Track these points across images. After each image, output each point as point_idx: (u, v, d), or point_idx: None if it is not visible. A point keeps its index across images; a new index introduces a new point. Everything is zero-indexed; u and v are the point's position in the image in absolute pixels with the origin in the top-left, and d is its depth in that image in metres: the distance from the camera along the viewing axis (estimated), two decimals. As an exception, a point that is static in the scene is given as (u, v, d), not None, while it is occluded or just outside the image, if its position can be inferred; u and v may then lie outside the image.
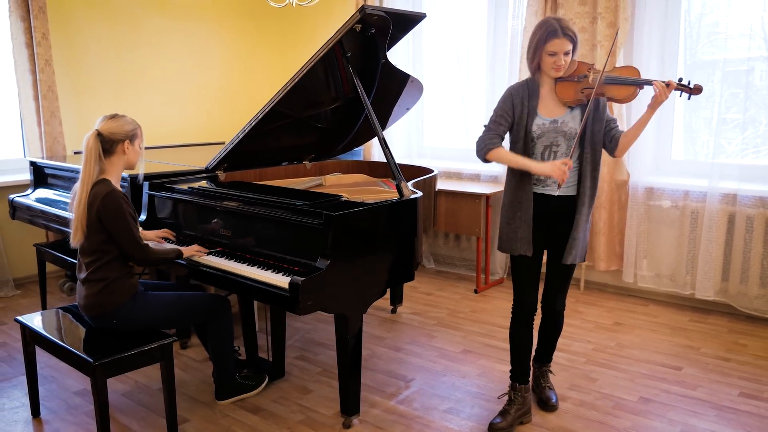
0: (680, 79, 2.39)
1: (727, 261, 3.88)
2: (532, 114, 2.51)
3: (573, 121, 2.49)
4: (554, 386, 2.95)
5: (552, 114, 2.50)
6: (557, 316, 2.79)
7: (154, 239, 2.93)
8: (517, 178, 2.56)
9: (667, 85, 2.35)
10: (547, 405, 2.82)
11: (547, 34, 2.40)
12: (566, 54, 2.42)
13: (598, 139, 2.52)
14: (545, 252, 2.69)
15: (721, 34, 3.81)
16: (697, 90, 2.36)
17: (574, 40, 2.42)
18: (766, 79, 3.77)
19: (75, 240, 2.50)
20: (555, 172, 2.40)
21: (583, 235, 2.59)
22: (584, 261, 2.71)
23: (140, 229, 2.88)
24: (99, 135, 2.48)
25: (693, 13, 3.97)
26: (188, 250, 2.77)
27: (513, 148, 2.57)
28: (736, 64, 3.81)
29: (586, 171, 2.52)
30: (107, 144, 2.50)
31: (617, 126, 2.55)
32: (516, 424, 2.69)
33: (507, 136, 2.61)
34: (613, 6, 4.02)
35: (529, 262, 2.63)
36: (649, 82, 2.38)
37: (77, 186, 2.49)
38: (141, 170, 2.79)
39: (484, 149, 2.55)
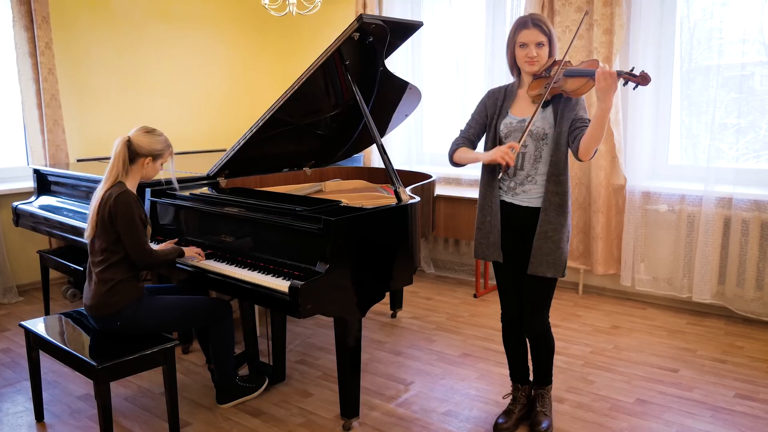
0: (632, 69, 2.22)
1: (724, 264, 3.92)
2: (503, 114, 2.51)
3: (542, 121, 2.43)
4: (551, 412, 2.72)
5: (523, 114, 2.47)
6: (537, 336, 2.62)
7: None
8: (486, 182, 2.55)
9: (609, 73, 2.16)
10: (534, 429, 2.64)
11: (517, 26, 2.42)
12: (539, 46, 2.38)
13: (563, 140, 2.40)
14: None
15: (718, 39, 3.85)
16: (643, 78, 2.16)
17: (546, 32, 2.38)
18: (766, 84, 3.81)
19: (87, 235, 2.63)
20: (497, 154, 2.32)
21: (556, 246, 2.44)
22: (563, 276, 2.49)
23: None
24: (128, 142, 2.62)
25: (692, 18, 4.01)
26: (189, 251, 2.82)
27: (485, 148, 2.56)
28: (734, 70, 3.85)
29: (550, 176, 2.43)
30: (132, 153, 2.63)
31: (585, 126, 2.36)
32: (519, 423, 2.71)
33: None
34: (609, 13, 4.07)
35: (507, 272, 2.61)
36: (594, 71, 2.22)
37: (99, 186, 2.63)
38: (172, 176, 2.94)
39: (450, 152, 2.60)
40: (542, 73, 2.42)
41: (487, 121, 2.56)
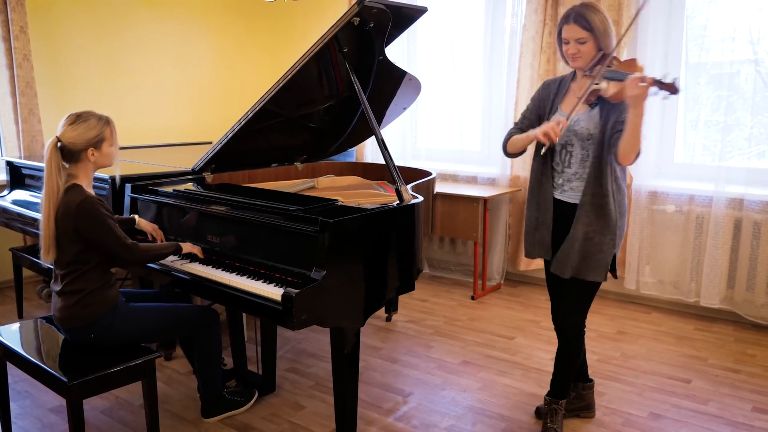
0: (664, 76, 2.09)
1: (733, 268, 3.76)
2: (553, 110, 2.41)
3: (587, 121, 2.32)
4: (562, 429, 2.57)
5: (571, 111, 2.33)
6: (566, 337, 2.52)
7: (150, 231, 2.74)
8: (538, 177, 2.45)
9: (642, 80, 2.06)
10: None
11: (561, 19, 2.31)
12: (580, 42, 2.25)
13: (606, 142, 2.29)
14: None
15: (704, 37, 3.73)
16: (671, 87, 2.06)
17: (588, 27, 2.22)
18: (751, 82, 3.66)
19: (47, 258, 2.29)
20: (542, 129, 2.23)
21: (598, 249, 2.32)
22: (605, 280, 2.39)
23: (136, 217, 2.73)
24: (58, 144, 2.25)
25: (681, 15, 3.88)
26: (188, 247, 2.57)
27: (536, 146, 2.46)
28: (723, 67, 3.73)
29: (591, 177, 2.31)
30: (69, 153, 2.28)
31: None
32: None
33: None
34: (616, 4, 3.89)
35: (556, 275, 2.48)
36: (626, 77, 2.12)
37: (42, 200, 2.27)
38: (116, 172, 2.58)
39: (504, 143, 2.52)
40: (586, 72, 2.31)
41: (541, 113, 2.47)
